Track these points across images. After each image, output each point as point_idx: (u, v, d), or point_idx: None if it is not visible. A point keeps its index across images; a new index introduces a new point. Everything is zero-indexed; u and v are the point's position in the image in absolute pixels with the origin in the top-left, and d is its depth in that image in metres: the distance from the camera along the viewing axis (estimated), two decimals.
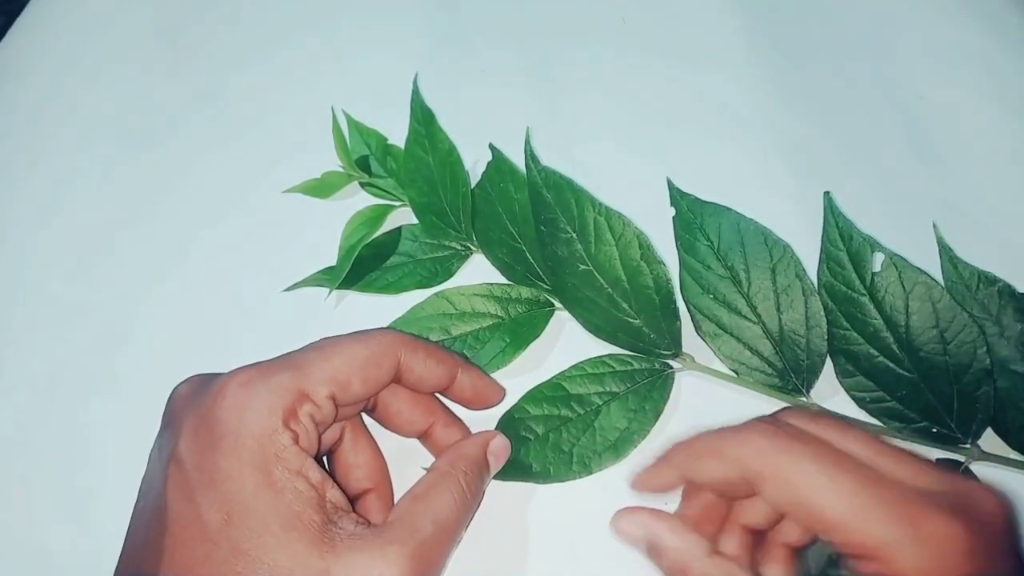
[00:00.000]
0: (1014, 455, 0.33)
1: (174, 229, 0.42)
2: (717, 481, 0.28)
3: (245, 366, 0.29)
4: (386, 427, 0.34)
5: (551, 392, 0.35)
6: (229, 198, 0.43)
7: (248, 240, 0.42)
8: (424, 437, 0.34)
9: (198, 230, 0.42)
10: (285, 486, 0.27)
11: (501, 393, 0.35)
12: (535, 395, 0.35)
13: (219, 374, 0.29)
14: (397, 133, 0.42)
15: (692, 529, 0.29)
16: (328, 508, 0.27)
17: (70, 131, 0.46)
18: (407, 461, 0.34)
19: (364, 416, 0.34)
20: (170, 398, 0.31)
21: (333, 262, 0.39)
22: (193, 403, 0.29)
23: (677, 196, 0.37)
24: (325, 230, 0.40)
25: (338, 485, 0.32)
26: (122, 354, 0.39)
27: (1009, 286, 0.35)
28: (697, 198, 0.37)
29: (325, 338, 0.31)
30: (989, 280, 0.35)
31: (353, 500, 0.33)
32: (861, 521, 0.25)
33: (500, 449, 0.33)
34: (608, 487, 0.34)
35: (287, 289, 0.39)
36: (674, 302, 0.36)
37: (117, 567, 0.28)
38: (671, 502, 0.33)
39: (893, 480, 0.26)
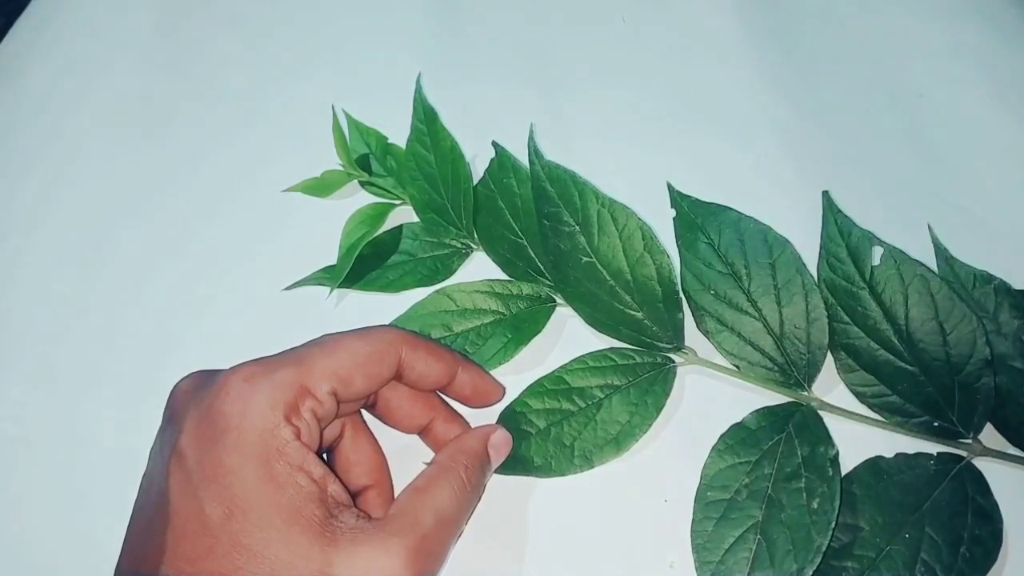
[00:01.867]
0: (1014, 451, 0.33)
1: (174, 229, 0.42)
2: None
3: (247, 361, 0.29)
4: (386, 423, 0.34)
5: (553, 385, 0.35)
6: (229, 197, 0.43)
7: (248, 239, 0.42)
8: (424, 433, 0.34)
9: (198, 229, 0.42)
10: (287, 481, 0.27)
11: (501, 391, 0.35)
12: (537, 389, 0.35)
13: (221, 370, 0.29)
14: (397, 131, 0.42)
15: None
16: (330, 502, 0.27)
17: (70, 131, 0.46)
18: (407, 458, 0.34)
19: (364, 413, 0.34)
20: (171, 394, 0.31)
21: (333, 260, 0.39)
22: (195, 398, 0.29)
23: (677, 198, 0.38)
24: (325, 229, 0.40)
25: (339, 480, 0.32)
26: (122, 352, 0.39)
27: (1005, 283, 0.35)
28: (697, 199, 0.38)
29: (327, 334, 0.31)
30: (985, 279, 0.35)
31: (353, 496, 0.33)
32: None
33: (501, 443, 0.33)
34: (609, 481, 0.34)
35: (288, 288, 0.39)
36: (676, 293, 0.36)
37: (119, 562, 0.28)
38: (670, 499, 0.33)
39: None
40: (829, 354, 0.35)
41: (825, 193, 0.36)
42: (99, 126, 0.46)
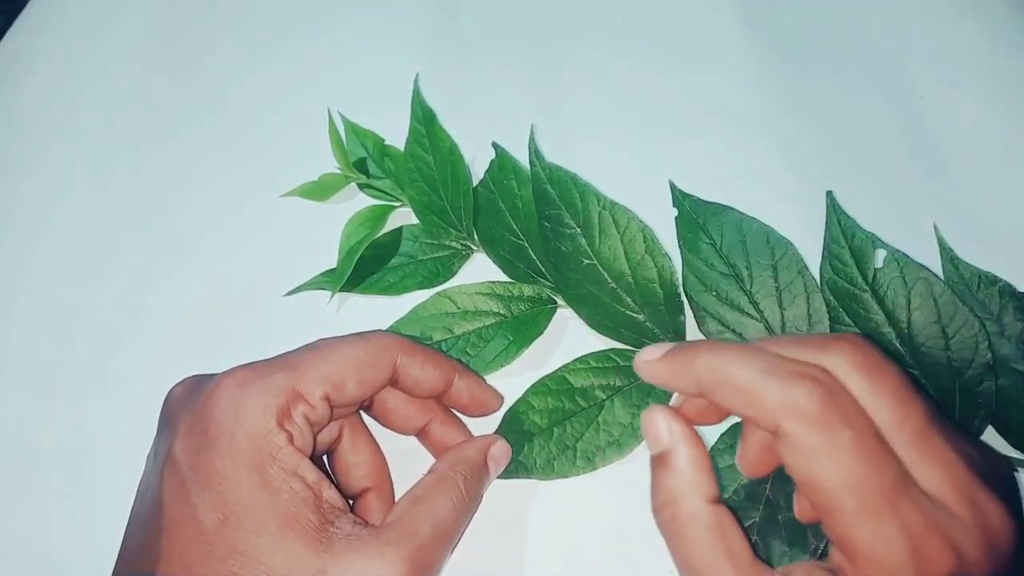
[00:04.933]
0: (1015, 454, 0.33)
1: (174, 233, 0.42)
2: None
3: (239, 366, 0.29)
4: (383, 425, 0.34)
5: (555, 385, 0.35)
6: (227, 202, 0.43)
7: (247, 243, 0.41)
8: (422, 435, 0.34)
9: (198, 235, 0.42)
10: (281, 486, 0.27)
11: (499, 400, 0.35)
12: (539, 388, 0.35)
13: (214, 375, 0.29)
14: (395, 133, 0.42)
15: (710, 469, 0.26)
16: (325, 508, 0.27)
17: (70, 132, 0.46)
18: (409, 460, 0.34)
19: (363, 415, 0.34)
20: (166, 400, 0.31)
21: (333, 264, 0.39)
22: (187, 404, 0.29)
23: (679, 197, 0.38)
24: (325, 232, 0.40)
25: (337, 484, 0.32)
26: (123, 358, 0.39)
27: (1009, 285, 0.35)
28: (699, 199, 0.37)
29: (321, 339, 0.31)
30: (989, 280, 0.35)
31: (353, 499, 0.33)
32: (861, 525, 0.23)
33: (500, 454, 0.33)
34: (611, 485, 0.34)
35: (289, 293, 0.39)
36: (678, 295, 0.36)
37: (115, 568, 0.28)
38: None
39: (904, 478, 0.23)
40: None
41: (829, 193, 0.36)
42: (98, 128, 0.46)
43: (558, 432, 0.34)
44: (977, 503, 0.23)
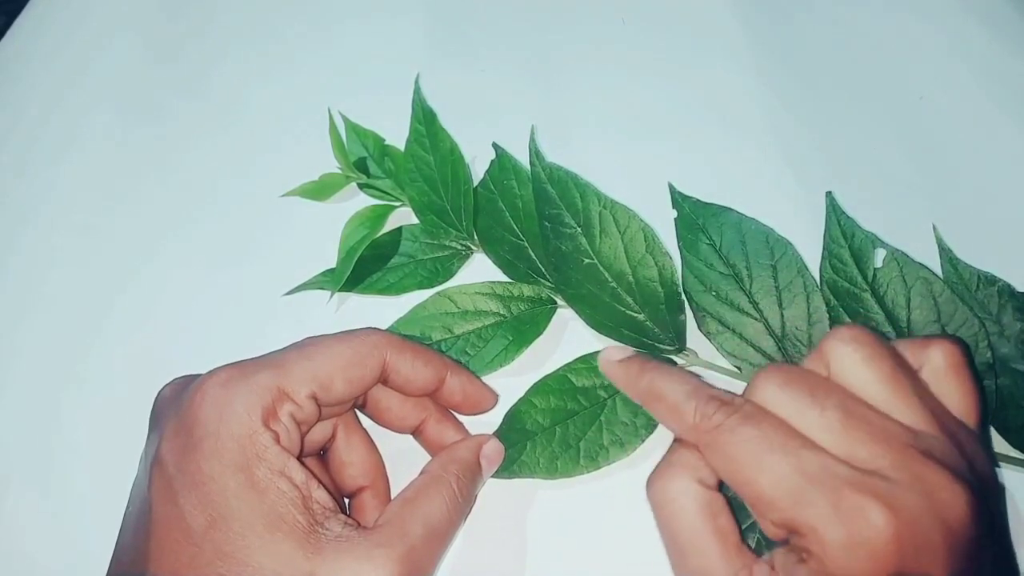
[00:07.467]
0: (1015, 453, 0.33)
1: (172, 233, 0.42)
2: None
3: (224, 365, 0.29)
4: (378, 423, 0.34)
5: (557, 384, 0.35)
6: (227, 202, 0.43)
7: (247, 243, 0.41)
8: (417, 433, 0.34)
9: (197, 234, 0.42)
10: (268, 486, 0.27)
11: (493, 398, 0.35)
12: (541, 387, 0.35)
13: (201, 375, 0.29)
14: (396, 133, 0.42)
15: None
16: (314, 509, 0.27)
17: (70, 131, 0.46)
18: (406, 459, 0.34)
19: (359, 413, 0.34)
20: (155, 400, 0.31)
21: (333, 264, 0.39)
22: (174, 404, 0.29)
23: (679, 199, 0.38)
24: (325, 232, 0.40)
25: (328, 484, 0.31)
26: (120, 358, 0.39)
27: (1009, 285, 0.35)
28: (698, 200, 0.37)
29: (309, 337, 0.31)
30: (989, 280, 0.35)
31: (349, 497, 0.33)
32: (790, 502, 0.24)
33: (493, 453, 0.33)
34: (613, 486, 0.34)
35: (288, 293, 0.39)
36: (679, 295, 0.36)
37: (108, 570, 0.28)
38: None
39: (837, 462, 0.24)
40: None
41: (828, 194, 0.36)
42: (98, 128, 0.46)
43: (560, 431, 0.34)
44: (914, 471, 0.24)
